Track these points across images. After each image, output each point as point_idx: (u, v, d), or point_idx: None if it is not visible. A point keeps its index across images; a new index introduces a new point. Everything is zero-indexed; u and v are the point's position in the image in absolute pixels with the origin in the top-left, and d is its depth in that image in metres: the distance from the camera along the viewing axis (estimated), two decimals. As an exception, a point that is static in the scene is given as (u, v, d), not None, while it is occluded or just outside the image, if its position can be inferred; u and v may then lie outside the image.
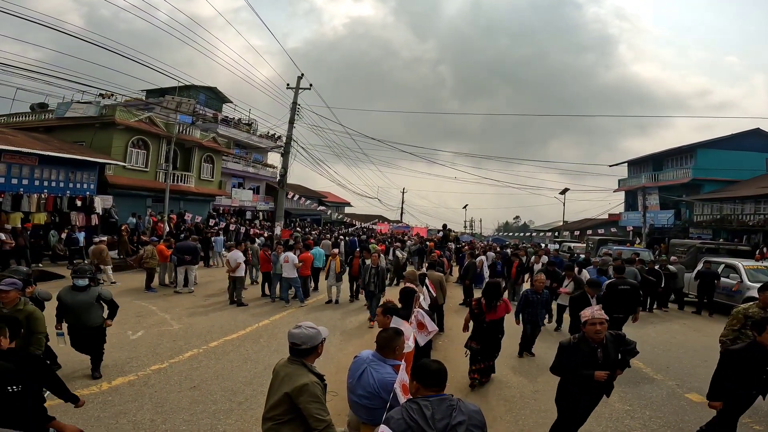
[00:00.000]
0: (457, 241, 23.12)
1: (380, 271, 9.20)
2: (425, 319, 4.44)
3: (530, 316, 7.22)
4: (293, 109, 19.49)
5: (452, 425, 2.05)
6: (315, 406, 2.60)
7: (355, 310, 10.61)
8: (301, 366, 2.77)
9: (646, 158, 35.23)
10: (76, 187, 17.22)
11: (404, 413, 2.11)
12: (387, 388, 2.80)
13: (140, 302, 10.14)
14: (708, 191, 28.41)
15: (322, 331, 2.90)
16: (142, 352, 6.66)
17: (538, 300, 7.21)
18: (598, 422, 4.90)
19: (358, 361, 3.15)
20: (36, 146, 15.86)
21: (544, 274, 8.02)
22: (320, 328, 2.92)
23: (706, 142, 30.07)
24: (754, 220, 23.73)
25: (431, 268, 9.80)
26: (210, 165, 26.82)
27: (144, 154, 22.04)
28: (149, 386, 5.40)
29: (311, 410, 2.60)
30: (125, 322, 8.26)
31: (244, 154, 33.19)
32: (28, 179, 15.52)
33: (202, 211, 25.13)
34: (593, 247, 22.15)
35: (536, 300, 7.20)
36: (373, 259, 9.79)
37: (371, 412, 2.96)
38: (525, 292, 7.43)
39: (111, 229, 17.71)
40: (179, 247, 12.04)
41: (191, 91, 26.82)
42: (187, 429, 4.39)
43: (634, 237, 28.69)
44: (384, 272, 9.26)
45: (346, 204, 47.86)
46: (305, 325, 2.87)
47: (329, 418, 2.64)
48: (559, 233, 39.92)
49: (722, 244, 18.71)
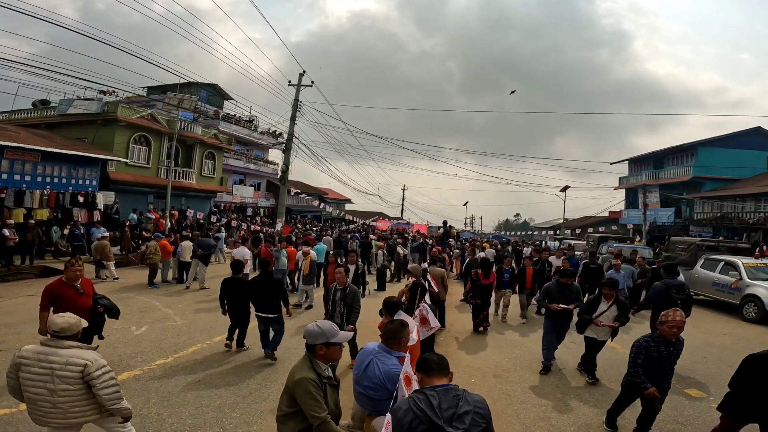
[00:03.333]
0: (457, 238, 23.20)
1: (350, 293, 5.89)
2: (429, 315, 4.51)
3: (656, 379, 4.20)
4: (295, 106, 19.55)
5: (458, 414, 2.10)
6: (309, 402, 2.68)
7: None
8: (307, 361, 2.84)
9: (647, 156, 35.25)
10: (78, 183, 17.28)
11: (411, 403, 2.17)
12: (393, 379, 2.87)
13: (143, 298, 10.21)
14: (708, 189, 28.46)
15: (327, 332, 2.85)
16: (147, 347, 6.72)
17: (665, 355, 4.18)
18: (599, 416, 4.96)
19: (363, 353, 3.22)
20: (38, 143, 15.92)
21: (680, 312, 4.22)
22: (340, 332, 2.92)
23: (707, 140, 30.08)
24: (754, 218, 23.78)
25: (432, 264, 9.80)
26: (211, 161, 26.87)
27: (146, 151, 22.09)
28: (155, 380, 5.47)
29: (305, 406, 2.69)
30: (129, 317, 8.33)
31: (245, 150, 33.24)
32: (30, 175, 15.59)
33: (204, 208, 25.21)
34: (593, 244, 22.18)
35: (663, 354, 4.17)
36: (350, 258, 9.01)
37: (376, 403, 3.03)
38: (644, 343, 4.22)
39: (113, 225, 17.79)
40: (200, 243, 12.28)
41: (193, 88, 26.83)
42: (193, 422, 4.45)
43: (635, 234, 28.73)
44: (356, 294, 5.96)
45: (346, 201, 47.93)
46: (319, 322, 2.93)
47: (324, 415, 2.69)
48: (560, 231, 39.97)
49: (722, 241, 18.72)
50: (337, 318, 5.79)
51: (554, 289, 6.56)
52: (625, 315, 5.92)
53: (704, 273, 12.60)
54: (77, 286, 4.94)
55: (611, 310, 5.84)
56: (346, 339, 2.98)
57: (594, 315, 5.85)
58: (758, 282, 11.01)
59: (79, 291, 4.94)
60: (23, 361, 2.98)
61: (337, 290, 5.94)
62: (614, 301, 5.85)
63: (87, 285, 5.11)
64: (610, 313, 5.83)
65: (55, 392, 2.92)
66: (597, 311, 5.88)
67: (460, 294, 12.29)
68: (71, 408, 2.98)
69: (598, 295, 6.03)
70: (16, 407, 4.50)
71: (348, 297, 5.84)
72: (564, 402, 5.32)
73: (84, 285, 5.04)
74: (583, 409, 5.17)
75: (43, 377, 2.93)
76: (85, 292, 5.00)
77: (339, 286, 5.90)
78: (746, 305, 10.91)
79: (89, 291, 5.09)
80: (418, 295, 5.50)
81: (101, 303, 5.21)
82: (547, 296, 6.58)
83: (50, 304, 4.81)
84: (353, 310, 5.82)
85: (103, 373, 2.99)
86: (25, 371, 2.96)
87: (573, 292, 6.58)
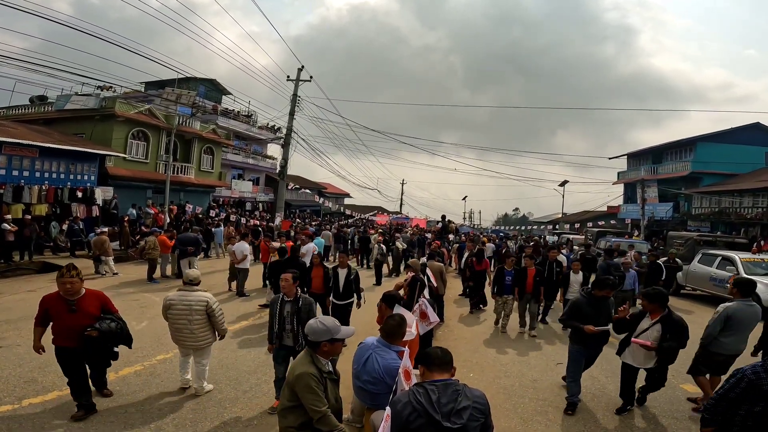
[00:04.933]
0: (456, 233, 23.23)
1: (304, 306, 4.56)
2: (428, 310, 4.54)
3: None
4: (293, 101, 19.51)
5: (457, 409, 2.13)
6: (309, 397, 2.71)
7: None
8: (308, 356, 2.86)
9: (645, 151, 35.26)
10: (76, 178, 17.27)
11: (411, 396, 2.20)
12: (392, 373, 2.90)
13: (143, 293, 10.23)
14: (707, 184, 28.48)
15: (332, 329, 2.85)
16: (147, 343, 6.76)
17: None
18: (597, 412, 5.01)
19: (363, 347, 3.25)
20: (36, 138, 15.88)
21: None
22: (342, 328, 2.93)
23: (706, 136, 30.05)
24: (751, 213, 23.84)
25: (431, 259, 9.80)
26: (210, 156, 26.83)
27: (144, 146, 22.04)
28: (155, 376, 5.50)
29: (305, 400, 2.73)
30: (129, 312, 8.35)
31: (243, 145, 33.17)
32: (29, 171, 15.56)
33: (203, 202, 25.20)
34: (592, 239, 22.23)
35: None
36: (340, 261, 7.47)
37: (376, 397, 3.06)
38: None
39: (112, 220, 17.78)
40: (181, 238, 12.08)
41: (191, 83, 26.77)
42: (194, 417, 4.49)
43: (633, 229, 28.76)
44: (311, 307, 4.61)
45: (345, 195, 47.96)
46: (321, 319, 2.96)
47: (324, 409, 2.73)
48: (559, 225, 40.01)
49: (720, 236, 18.79)
50: (288, 339, 4.55)
51: (585, 305, 5.02)
52: (679, 339, 4.48)
53: (701, 268, 12.62)
54: (70, 302, 4.12)
55: (652, 330, 4.55)
56: (350, 335, 3.00)
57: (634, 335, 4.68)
58: (755, 277, 11.04)
59: (70, 307, 4.11)
60: (172, 302, 4.77)
61: (286, 302, 4.59)
62: (661, 320, 4.53)
63: (89, 300, 4.28)
64: (650, 332, 4.57)
65: (192, 321, 4.62)
66: (637, 329, 4.67)
67: (459, 288, 12.33)
68: (200, 332, 4.77)
69: (643, 309, 4.82)
70: (18, 404, 4.54)
71: (302, 311, 4.50)
72: (561, 397, 5.36)
73: (84, 301, 4.23)
74: (580, 404, 5.21)
75: (184, 311, 4.72)
76: (81, 310, 4.15)
77: (288, 297, 4.62)
78: (743, 300, 10.94)
79: (90, 308, 4.24)
80: (417, 290, 5.53)
81: (97, 327, 4.17)
82: (575, 314, 5.03)
83: (43, 317, 4.21)
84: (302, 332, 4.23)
85: (217, 306, 4.89)
86: (173, 309, 4.74)
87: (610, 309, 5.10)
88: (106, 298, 4.48)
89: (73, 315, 4.11)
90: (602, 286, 5.02)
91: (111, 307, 4.47)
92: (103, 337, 4.20)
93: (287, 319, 4.52)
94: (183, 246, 11.81)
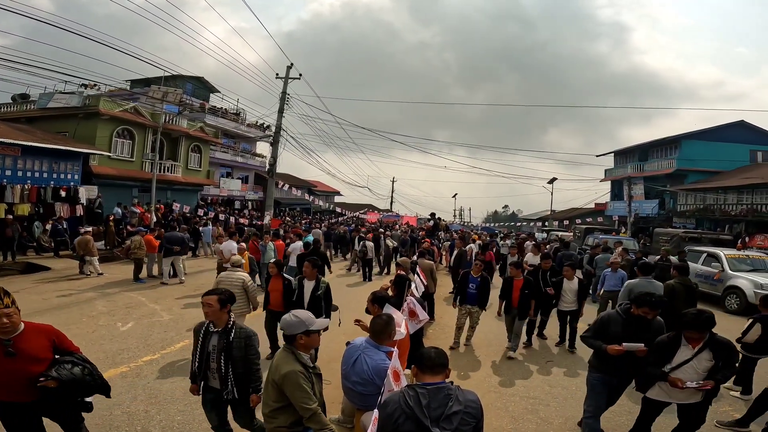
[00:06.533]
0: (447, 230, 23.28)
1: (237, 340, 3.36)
2: (417, 308, 4.51)
3: None
4: (282, 99, 19.32)
5: (447, 415, 2.07)
6: (299, 395, 2.68)
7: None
8: (290, 353, 2.82)
9: (632, 148, 35.65)
10: (60, 177, 16.93)
11: (401, 399, 2.15)
12: (381, 374, 2.86)
13: (129, 293, 10.07)
14: (692, 181, 28.88)
15: (306, 320, 2.83)
16: (133, 344, 6.65)
17: None
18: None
19: (351, 348, 3.21)
20: (18, 137, 15.53)
21: None
22: (317, 320, 2.95)
23: (691, 133, 30.47)
24: (736, 210, 24.22)
25: (421, 257, 9.79)
26: (197, 155, 26.52)
27: (129, 144, 21.69)
28: (142, 377, 5.41)
29: (296, 399, 2.69)
30: (115, 313, 8.22)
31: (232, 143, 32.86)
32: (11, 170, 15.22)
33: (190, 201, 24.91)
34: (580, 236, 22.43)
35: None
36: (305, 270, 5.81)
37: (365, 398, 3.02)
38: None
39: (97, 219, 17.50)
40: (167, 237, 11.95)
41: (178, 80, 26.37)
42: (182, 419, 4.42)
43: (620, 226, 29.08)
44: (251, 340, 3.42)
45: (335, 193, 47.77)
46: (294, 312, 2.92)
47: (314, 406, 2.70)
48: (548, 222, 40.34)
49: (705, 233, 19.08)
50: (214, 380, 3.39)
51: (619, 322, 3.91)
52: (732, 365, 3.61)
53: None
54: (5, 342, 2.87)
55: (700, 360, 3.49)
56: (324, 325, 2.98)
57: (669, 367, 3.57)
58: (740, 273, 11.23)
59: (6, 350, 2.86)
60: (222, 279, 6.25)
61: (211, 333, 3.39)
62: (708, 346, 3.47)
63: (32, 339, 2.98)
64: (697, 363, 3.49)
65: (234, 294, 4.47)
66: (674, 361, 3.56)
67: (450, 286, 12.35)
68: (240, 302, 5.88)
69: (676, 335, 3.60)
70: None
71: (234, 347, 3.33)
72: (552, 395, 5.37)
73: (25, 340, 2.94)
74: (570, 401, 5.23)
75: (229, 286, 5.58)
76: (21, 353, 2.89)
77: (216, 326, 3.39)
78: (728, 297, 11.11)
79: (33, 350, 2.95)
80: (406, 289, 5.49)
81: (54, 376, 2.93)
82: (602, 331, 3.96)
83: None
84: (251, 370, 3.39)
85: (251, 283, 6.31)
86: (223, 284, 5.86)
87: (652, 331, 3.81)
88: (58, 333, 3.20)
89: (11, 360, 2.86)
90: (640, 303, 3.81)
91: (68, 345, 3.22)
92: (64, 388, 2.99)
93: (213, 356, 3.34)
94: (168, 244, 11.69)
